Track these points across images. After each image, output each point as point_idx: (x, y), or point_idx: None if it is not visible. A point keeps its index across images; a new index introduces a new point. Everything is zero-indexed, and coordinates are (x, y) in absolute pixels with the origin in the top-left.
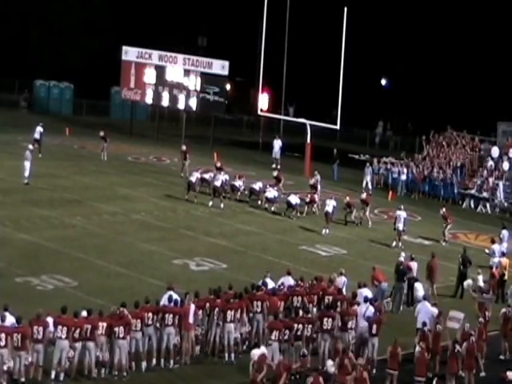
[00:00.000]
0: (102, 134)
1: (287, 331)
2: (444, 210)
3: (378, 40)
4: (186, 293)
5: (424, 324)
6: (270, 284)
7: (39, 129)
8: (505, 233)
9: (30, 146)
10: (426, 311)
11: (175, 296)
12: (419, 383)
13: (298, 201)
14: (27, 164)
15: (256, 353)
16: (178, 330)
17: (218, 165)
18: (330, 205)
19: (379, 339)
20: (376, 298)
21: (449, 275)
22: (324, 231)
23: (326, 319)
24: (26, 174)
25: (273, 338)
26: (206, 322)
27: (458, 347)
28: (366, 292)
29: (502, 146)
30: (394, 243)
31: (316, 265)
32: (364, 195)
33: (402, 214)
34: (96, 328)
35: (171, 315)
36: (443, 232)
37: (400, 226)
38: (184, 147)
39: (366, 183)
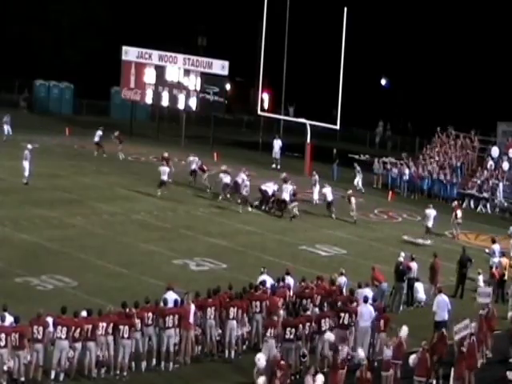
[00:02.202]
0: (116, 133)
1: (293, 330)
2: (456, 202)
3: (378, 40)
4: (185, 292)
5: (442, 321)
6: (268, 281)
7: (99, 132)
8: None
9: (29, 146)
10: (443, 304)
11: (175, 296)
12: (419, 383)
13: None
14: (26, 164)
15: (261, 357)
16: (178, 329)
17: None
18: (329, 192)
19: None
20: (375, 298)
21: (449, 275)
22: (334, 216)
23: (323, 320)
24: (26, 173)
25: (268, 334)
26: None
27: (463, 349)
28: (367, 292)
29: (502, 146)
30: (422, 241)
31: (316, 265)
32: (350, 191)
33: (432, 212)
34: (97, 328)
35: (171, 317)
36: (454, 225)
37: (430, 223)
38: (166, 154)
39: (357, 182)
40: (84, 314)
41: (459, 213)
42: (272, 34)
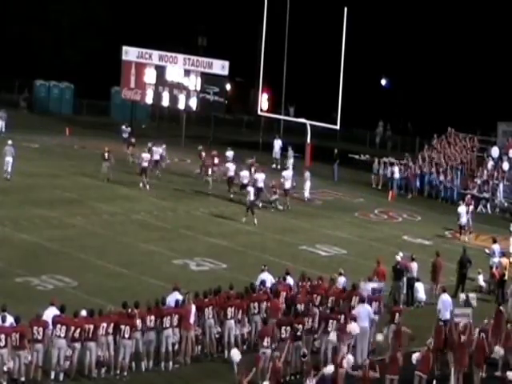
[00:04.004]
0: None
1: (288, 328)
2: (469, 196)
3: (378, 40)
4: (186, 292)
5: (445, 320)
6: (269, 279)
7: (125, 129)
8: None
9: (10, 141)
10: (447, 303)
11: (178, 297)
12: (420, 378)
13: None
14: (10, 159)
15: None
16: (178, 329)
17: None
18: (289, 179)
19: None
20: (374, 291)
21: (449, 275)
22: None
23: (330, 321)
24: (9, 169)
25: (265, 344)
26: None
27: (463, 337)
28: (370, 286)
29: (502, 146)
30: (462, 237)
31: (316, 265)
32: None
33: (463, 209)
34: (98, 328)
35: (169, 317)
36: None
37: (463, 220)
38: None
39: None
40: (84, 313)
41: (471, 207)
42: (272, 34)
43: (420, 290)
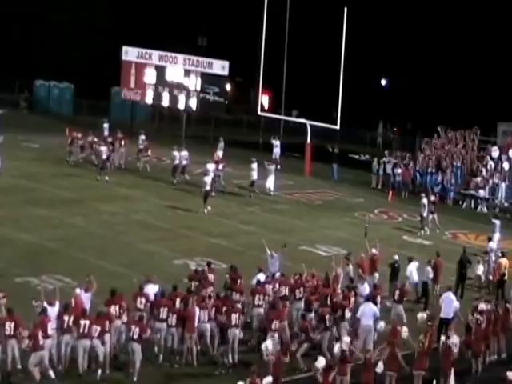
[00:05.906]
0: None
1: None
2: (434, 198)
3: (378, 40)
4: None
5: (447, 319)
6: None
7: (142, 137)
8: (497, 222)
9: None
10: (449, 301)
11: (156, 288)
12: (419, 376)
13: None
14: None
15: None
16: (181, 330)
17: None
18: (256, 170)
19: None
20: (369, 298)
21: (449, 275)
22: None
23: (327, 316)
24: None
25: (273, 327)
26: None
27: (448, 341)
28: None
29: (502, 146)
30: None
31: (316, 265)
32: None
33: (425, 201)
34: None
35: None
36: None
37: (424, 213)
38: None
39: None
40: (78, 291)
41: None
42: (272, 34)
43: (413, 270)
